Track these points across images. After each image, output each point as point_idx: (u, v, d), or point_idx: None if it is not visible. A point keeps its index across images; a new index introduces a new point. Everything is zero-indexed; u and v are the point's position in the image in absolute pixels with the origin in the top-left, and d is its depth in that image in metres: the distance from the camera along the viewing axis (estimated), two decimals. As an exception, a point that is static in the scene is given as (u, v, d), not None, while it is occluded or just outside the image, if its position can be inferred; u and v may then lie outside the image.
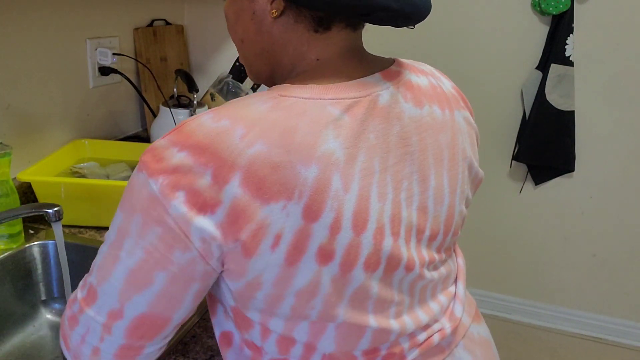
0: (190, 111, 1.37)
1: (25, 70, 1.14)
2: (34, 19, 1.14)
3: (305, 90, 0.56)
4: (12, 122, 1.12)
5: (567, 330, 2.09)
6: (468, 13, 1.83)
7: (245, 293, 0.56)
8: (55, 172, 1.15)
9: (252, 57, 0.65)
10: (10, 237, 0.98)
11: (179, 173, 0.51)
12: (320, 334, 0.58)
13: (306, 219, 0.52)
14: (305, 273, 0.53)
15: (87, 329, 0.57)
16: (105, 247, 0.56)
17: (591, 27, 1.74)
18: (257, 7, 0.60)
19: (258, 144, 0.51)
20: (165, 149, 0.53)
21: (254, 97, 0.57)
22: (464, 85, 1.92)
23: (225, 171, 0.51)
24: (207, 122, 0.54)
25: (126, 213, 0.54)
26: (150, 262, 0.53)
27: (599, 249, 1.97)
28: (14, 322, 0.98)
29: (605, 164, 1.87)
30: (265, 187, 0.51)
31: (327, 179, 0.53)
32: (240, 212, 0.51)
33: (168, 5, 1.63)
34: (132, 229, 0.53)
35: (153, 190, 0.51)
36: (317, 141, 0.53)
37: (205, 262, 0.53)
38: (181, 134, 0.53)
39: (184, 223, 0.51)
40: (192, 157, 0.51)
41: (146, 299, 0.54)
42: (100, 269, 0.56)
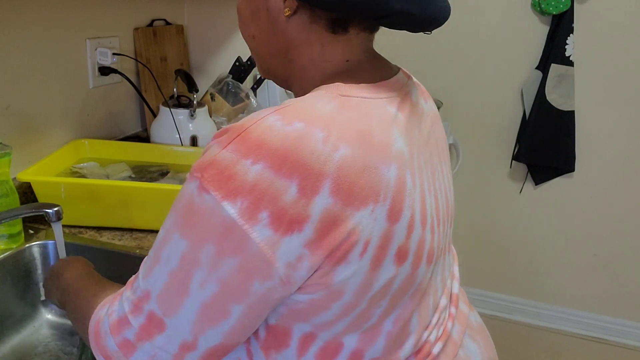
0: (190, 111, 1.37)
1: (25, 70, 1.14)
2: (34, 19, 1.14)
3: (362, 89, 0.55)
4: (12, 122, 1.12)
5: (568, 330, 2.09)
6: (468, 13, 1.83)
7: (320, 304, 0.51)
8: (55, 172, 1.15)
9: (266, 54, 0.64)
10: (10, 237, 0.98)
11: (258, 191, 0.45)
12: (375, 337, 0.56)
13: (390, 220, 0.50)
14: (384, 276, 0.51)
15: (153, 356, 0.52)
16: (164, 273, 0.50)
17: (591, 27, 1.74)
18: (271, 5, 0.59)
19: (342, 147, 0.48)
20: (235, 163, 0.46)
21: (313, 98, 0.53)
22: (464, 85, 1.92)
23: (312, 181, 0.46)
24: (277, 125, 0.47)
25: (193, 241, 0.48)
26: (225, 295, 0.48)
27: (600, 249, 1.97)
28: (14, 322, 0.98)
29: (605, 164, 1.87)
30: (356, 193, 0.47)
31: (403, 178, 0.52)
32: (331, 224, 0.47)
33: (168, 5, 1.63)
34: (202, 259, 0.47)
35: (230, 216, 0.45)
36: (390, 140, 0.52)
37: (284, 289, 0.49)
38: (249, 142, 0.47)
39: (269, 248, 0.46)
40: (271, 170, 0.45)
41: (221, 331, 0.50)
42: (164, 299, 0.50)
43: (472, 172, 2.02)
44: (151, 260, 0.52)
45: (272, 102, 1.70)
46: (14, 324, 0.98)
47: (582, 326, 2.07)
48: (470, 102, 1.93)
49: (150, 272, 0.52)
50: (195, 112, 1.37)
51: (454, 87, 1.93)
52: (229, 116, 1.55)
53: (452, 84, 1.93)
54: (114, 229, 1.09)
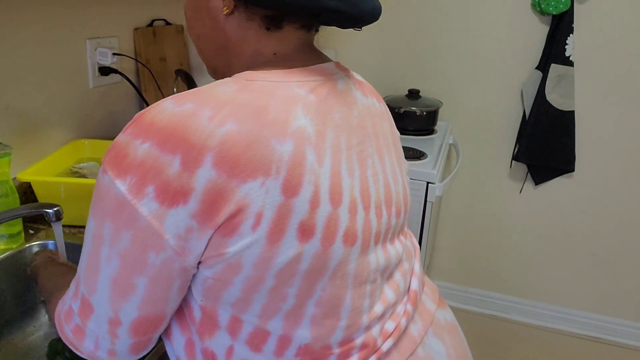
0: (190, 111, 1.37)
1: (25, 70, 1.14)
2: (34, 19, 1.14)
3: (270, 74, 0.58)
4: (12, 122, 1.12)
5: (567, 330, 2.09)
6: (468, 13, 1.83)
7: (223, 278, 0.53)
8: (55, 172, 1.15)
9: (210, 53, 0.66)
10: (10, 237, 0.98)
11: (145, 167, 0.49)
12: (298, 320, 0.57)
13: (286, 194, 0.51)
14: (286, 251, 0.52)
15: (96, 337, 0.57)
16: (84, 254, 0.55)
17: (591, 27, 1.74)
18: (211, 4, 0.61)
19: (229, 123, 0.50)
20: (128, 144, 0.50)
21: (217, 83, 0.57)
22: (464, 85, 1.92)
23: (195, 154, 0.48)
24: (169, 107, 0.52)
25: (97, 219, 0.52)
26: (127, 269, 0.52)
27: (599, 249, 1.97)
28: (13, 322, 0.98)
29: (605, 164, 1.87)
30: (241, 165, 0.49)
31: (302, 154, 0.53)
32: (216, 195, 0.49)
33: (168, 5, 1.63)
34: (105, 235, 0.52)
35: (120, 192, 0.49)
36: (289, 117, 0.54)
37: (181, 259, 0.51)
38: (142, 124, 0.51)
39: (157, 221, 0.49)
40: (157, 147, 0.49)
41: (134, 305, 0.54)
42: (86, 278, 0.55)
43: (472, 172, 2.02)
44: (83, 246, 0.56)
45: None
46: (13, 324, 0.98)
47: (580, 326, 2.08)
48: (470, 102, 1.94)
49: (81, 258, 0.56)
50: (195, 112, 1.37)
51: (454, 87, 1.93)
52: (228, 116, 1.55)
53: (452, 84, 1.93)
54: (114, 229, 1.09)
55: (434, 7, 1.84)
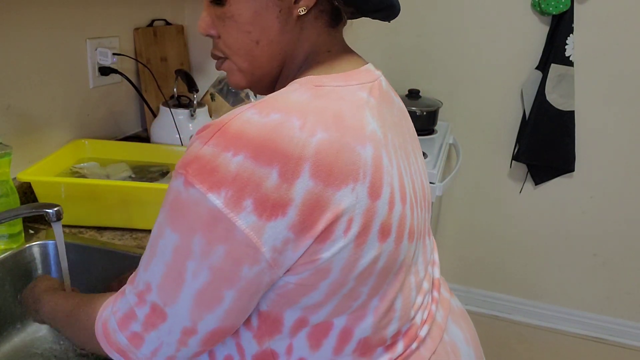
0: (190, 111, 1.37)
1: (25, 70, 1.14)
2: (34, 19, 1.14)
3: (332, 79, 0.58)
4: (12, 122, 1.12)
5: (568, 330, 2.09)
6: (468, 13, 1.83)
7: (308, 283, 0.53)
8: (55, 172, 1.15)
9: (265, 60, 0.61)
10: (10, 237, 0.98)
11: (241, 180, 0.47)
12: (362, 315, 0.57)
13: (371, 197, 0.53)
14: (368, 253, 0.53)
15: (160, 344, 0.55)
16: (160, 265, 0.53)
17: (591, 27, 1.74)
18: (284, 4, 0.58)
19: (319, 132, 0.50)
20: (217, 156, 0.48)
21: (287, 91, 0.55)
22: (464, 85, 1.92)
23: (292, 165, 0.48)
24: (255, 117, 0.50)
25: (182, 233, 0.50)
26: (218, 282, 0.50)
27: (600, 249, 1.97)
28: (14, 322, 0.98)
29: (605, 164, 1.87)
30: (335, 173, 0.50)
31: (380, 156, 0.54)
32: (314, 205, 0.49)
33: (168, 5, 1.63)
34: (194, 249, 0.50)
35: (215, 206, 0.47)
36: (363, 122, 0.55)
37: (272, 272, 0.51)
38: (228, 135, 0.49)
39: (255, 234, 0.48)
40: (251, 159, 0.47)
41: (217, 315, 0.53)
42: (163, 289, 0.53)
43: (472, 172, 2.02)
44: (148, 254, 0.55)
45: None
46: (14, 323, 0.98)
47: (581, 326, 2.07)
48: (470, 102, 1.94)
49: (149, 265, 0.54)
50: (195, 112, 1.37)
51: (454, 87, 1.93)
52: (229, 116, 1.55)
53: (452, 84, 1.93)
54: (114, 229, 1.09)
55: (433, 7, 1.84)
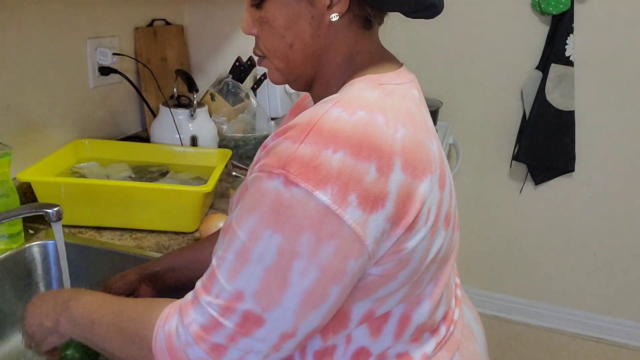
0: (190, 111, 1.37)
1: (25, 70, 1.14)
2: (34, 19, 1.14)
3: (390, 77, 0.60)
4: (12, 122, 1.12)
5: (568, 330, 2.09)
6: (468, 13, 1.83)
7: (389, 274, 0.55)
8: (55, 172, 1.15)
9: (300, 62, 0.63)
10: (10, 237, 0.98)
11: (344, 176, 0.49)
12: (419, 301, 0.60)
13: (440, 188, 0.56)
14: (438, 241, 0.57)
15: (247, 352, 0.53)
16: (258, 270, 0.51)
17: (591, 27, 1.74)
18: (316, 11, 0.59)
19: (400, 128, 0.53)
20: (318, 155, 0.49)
21: (357, 89, 0.57)
22: (464, 85, 1.92)
23: (387, 160, 0.51)
24: (344, 115, 0.52)
25: (288, 233, 0.50)
26: (326, 279, 0.51)
27: (600, 249, 1.97)
28: (14, 322, 0.98)
29: (605, 164, 1.87)
30: (418, 166, 0.53)
31: (441, 150, 0.59)
32: (406, 197, 0.52)
33: (168, 5, 1.63)
34: (301, 249, 0.50)
35: (323, 203, 0.49)
36: (425, 118, 0.59)
37: (370, 262, 0.53)
38: (324, 133, 0.50)
39: (360, 227, 0.50)
40: (351, 155, 0.49)
41: (320, 315, 0.53)
42: (261, 295, 0.51)
43: (472, 172, 2.02)
44: (235, 262, 0.52)
45: (272, 102, 1.69)
46: (14, 323, 0.98)
47: (581, 326, 2.07)
48: (470, 102, 1.93)
49: (239, 273, 0.52)
50: (195, 112, 1.37)
51: (454, 87, 1.93)
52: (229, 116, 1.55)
53: (452, 84, 1.93)
54: (114, 229, 1.09)
55: (434, 7, 1.84)
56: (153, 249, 1.02)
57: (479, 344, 0.75)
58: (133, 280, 0.85)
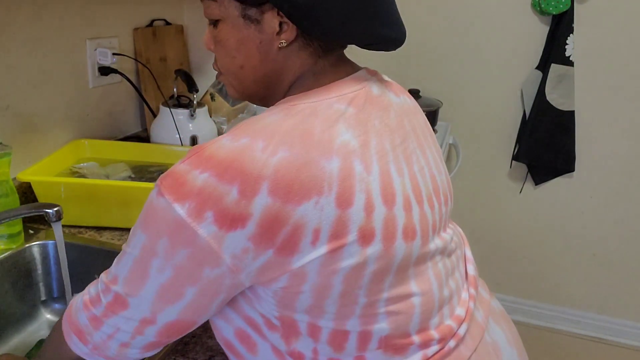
0: (190, 111, 1.37)
1: (26, 70, 1.14)
2: (34, 19, 1.14)
3: (310, 95, 0.62)
4: (12, 122, 1.12)
5: (568, 330, 2.09)
6: (468, 13, 1.83)
7: (292, 289, 0.56)
8: (55, 172, 1.15)
9: (250, 82, 0.67)
10: (10, 237, 0.98)
11: (204, 195, 0.52)
12: (373, 316, 0.59)
13: (341, 207, 0.55)
14: (350, 258, 0.55)
15: (117, 329, 0.60)
16: (129, 260, 0.58)
17: (591, 27, 1.74)
18: (264, 37, 0.62)
19: (280, 151, 0.54)
20: (187, 173, 0.54)
21: (266, 113, 0.60)
22: (464, 85, 1.92)
23: (252, 184, 0.52)
24: (227, 143, 0.55)
25: (150, 235, 0.56)
26: (180, 279, 0.56)
27: (599, 249, 1.97)
28: (14, 322, 0.98)
29: (605, 164, 1.87)
30: (295, 190, 0.53)
31: (349, 166, 0.56)
32: (272, 220, 0.52)
33: (168, 5, 1.63)
34: (159, 250, 0.55)
35: (179, 215, 0.53)
36: (333, 135, 0.57)
37: (233, 276, 0.55)
38: (201, 157, 0.55)
39: (215, 242, 0.53)
40: (215, 177, 0.53)
41: (177, 309, 0.58)
42: (128, 281, 0.58)
43: (472, 172, 2.02)
44: (122, 251, 0.61)
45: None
46: (14, 324, 0.98)
47: (581, 326, 2.07)
48: (470, 102, 1.93)
49: (120, 260, 0.60)
50: (195, 112, 1.37)
51: (454, 87, 1.93)
52: (228, 116, 1.55)
53: (452, 84, 1.93)
54: (114, 229, 1.09)
55: (433, 7, 1.84)
56: (153, 249, 1.02)
57: None
58: None
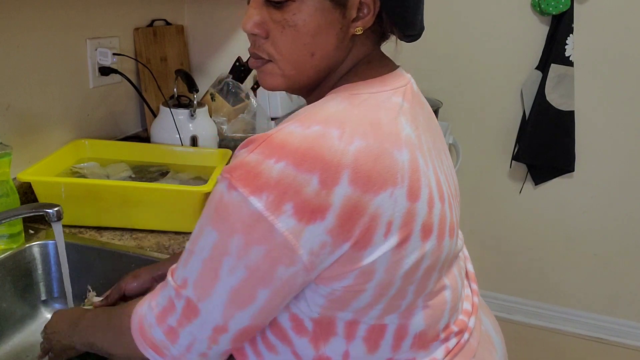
0: (191, 111, 1.37)
1: (25, 70, 1.14)
2: (34, 19, 1.14)
3: (368, 85, 0.60)
4: (12, 122, 1.12)
5: (568, 330, 2.09)
6: (468, 13, 1.83)
7: (355, 288, 0.55)
8: (55, 172, 1.15)
9: (313, 71, 0.62)
10: (11, 237, 0.98)
11: (282, 185, 0.50)
12: (412, 311, 0.60)
13: (411, 199, 0.55)
14: (413, 253, 0.56)
15: (194, 339, 0.57)
16: (198, 262, 0.55)
17: (591, 27, 1.74)
18: (345, 22, 0.59)
19: (356, 140, 0.52)
20: (261, 163, 0.51)
21: (326, 102, 0.58)
22: (464, 85, 1.92)
23: (332, 172, 0.50)
24: (297, 130, 0.53)
25: (222, 233, 0.53)
26: (253, 281, 0.53)
27: (600, 249, 1.97)
28: (14, 322, 0.98)
29: (605, 164, 1.87)
30: (373, 179, 0.52)
31: (416, 159, 0.57)
32: (352, 210, 0.51)
33: (168, 5, 1.63)
34: (231, 248, 0.52)
35: (256, 209, 0.50)
36: (398, 128, 0.57)
37: (306, 274, 0.53)
38: (272, 145, 0.51)
39: (293, 237, 0.50)
40: (293, 166, 0.50)
41: (249, 314, 0.55)
42: (198, 285, 0.55)
43: (472, 172, 2.02)
44: (188, 251, 0.57)
45: (272, 102, 1.69)
46: (14, 324, 0.98)
47: (582, 326, 2.07)
48: (470, 102, 1.93)
49: (188, 262, 0.56)
50: (195, 112, 1.37)
51: (454, 87, 1.93)
52: (229, 116, 1.55)
53: (452, 84, 1.93)
54: (114, 229, 1.09)
55: (433, 6, 1.84)
56: (153, 249, 1.02)
57: (499, 355, 0.73)
58: (145, 280, 0.85)
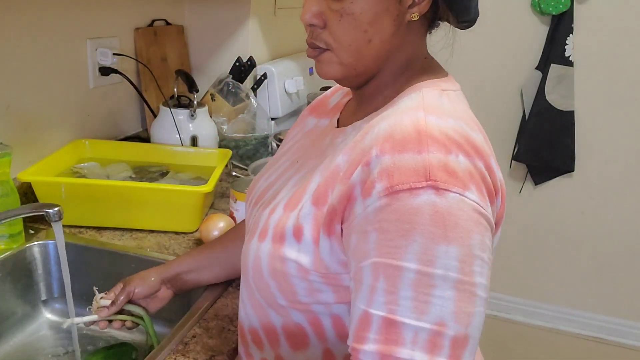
0: (191, 111, 1.37)
1: (25, 70, 1.14)
2: (35, 19, 1.14)
3: (447, 83, 0.64)
4: (12, 122, 1.12)
5: (567, 330, 2.09)
6: (468, 13, 1.83)
7: None
8: (55, 172, 1.15)
9: (372, 59, 0.62)
10: (11, 237, 0.98)
11: (474, 176, 0.52)
12: None
13: None
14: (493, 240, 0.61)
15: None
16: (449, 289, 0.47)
17: (591, 27, 1.74)
18: (402, 8, 0.59)
19: (476, 132, 0.56)
20: (447, 161, 0.50)
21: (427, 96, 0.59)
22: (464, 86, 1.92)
23: (489, 160, 0.55)
24: (440, 122, 0.54)
25: (461, 240, 0.48)
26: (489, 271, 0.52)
27: (599, 249, 1.97)
28: (14, 322, 0.98)
29: (605, 164, 1.87)
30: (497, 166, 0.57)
31: None
32: (502, 191, 0.58)
33: (168, 5, 1.63)
34: (475, 251, 0.49)
35: (474, 202, 0.51)
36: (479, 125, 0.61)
37: None
38: (440, 140, 0.52)
39: (492, 219, 0.54)
40: (467, 158, 0.52)
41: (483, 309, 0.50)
42: (460, 313, 0.48)
43: (472, 172, 2.02)
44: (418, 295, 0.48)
45: (272, 102, 1.69)
46: (14, 324, 0.98)
47: (581, 326, 2.07)
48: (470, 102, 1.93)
49: (429, 304, 0.48)
50: (195, 112, 1.37)
51: (453, 87, 1.93)
52: (229, 116, 1.55)
53: (452, 84, 1.93)
54: (114, 229, 1.09)
55: (434, 7, 1.84)
56: (153, 249, 1.02)
57: None
58: (154, 284, 0.83)
